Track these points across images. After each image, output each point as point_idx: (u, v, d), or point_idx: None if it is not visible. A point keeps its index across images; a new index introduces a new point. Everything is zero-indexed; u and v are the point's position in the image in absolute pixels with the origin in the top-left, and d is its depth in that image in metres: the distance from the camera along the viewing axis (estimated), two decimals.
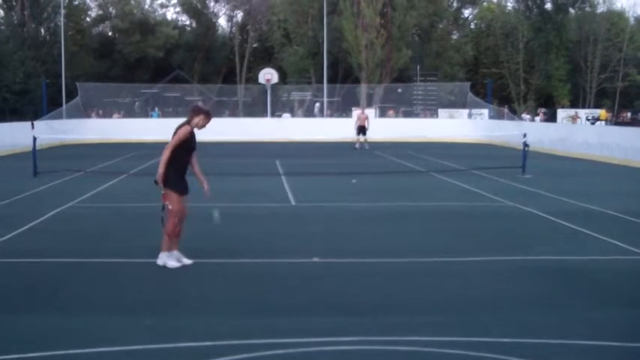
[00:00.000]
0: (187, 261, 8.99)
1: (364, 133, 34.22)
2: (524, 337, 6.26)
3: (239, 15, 72.80)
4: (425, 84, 55.09)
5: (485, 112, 44.63)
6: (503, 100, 63.42)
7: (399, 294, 7.85)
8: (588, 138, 29.80)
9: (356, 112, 39.33)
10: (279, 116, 49.15)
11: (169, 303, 7.45)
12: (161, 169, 8.67)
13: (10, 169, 22.73)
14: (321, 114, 51.24)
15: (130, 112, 49.45)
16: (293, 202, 15.41)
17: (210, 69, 69.34)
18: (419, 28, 63.70)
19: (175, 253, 8.97)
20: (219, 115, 51.24)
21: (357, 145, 33.91)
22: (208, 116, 9.00)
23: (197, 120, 8.90)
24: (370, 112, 46.21)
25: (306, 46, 62.11)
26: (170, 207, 8.78)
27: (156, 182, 8.76)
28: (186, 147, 8.83)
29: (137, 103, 52.53)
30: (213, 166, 23.90)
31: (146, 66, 67.70)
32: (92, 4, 72.42)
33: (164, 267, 8.84)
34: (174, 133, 8.86)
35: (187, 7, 71.81)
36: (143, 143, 31.09)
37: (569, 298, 7.73)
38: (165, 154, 8.69)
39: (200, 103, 9.27)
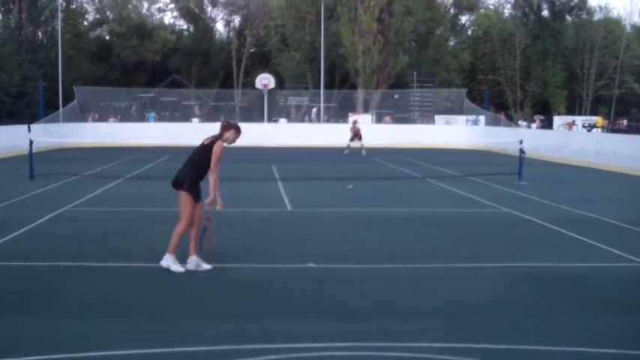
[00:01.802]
0: (206, 266, 9.01)
1: (360, 139, 34.25)
2: (521, 344, 6.26)
3: (236, 20, 72.81)
4: (422, 90, 55.15)
5: (482, 118, 44.68)
6: (500, 106, 63.47)
7: (396, 299, 7.85)
8: (584, 145, 29.85)
9: (351, 119, 39.37)
10: (276, 121, 49.21)
11: (166, 307, 7.43)
12: (213, 194, 8.96)
13: (6, 172, 22.68)
14: (318, 119, 51.25)
15: (127, 116, 49.40)
16: (289, 208, 15.41)
17: (208, 73, 69.30)
18: (416, 34, 63.83)
19: (194, 258, 8.98)
20: (216, 119, 51.23)
21: (345, 151, 33.98)
22: (238, 131, 9.20)
23: (228, 135, 9.08)
24: (367, 118, 46.32)
25: (303, 52, 62.15)
26: (181, 211, 8.88)
27: (185, 190, 8.92)
28: (212, 160, 8.97)
29: (134, 107, 52.48)
30: None
31: (143, 70, 67.64)
32: (90, 8, 72.41)
33: (162, 271, 8.82)
34: (203, 148, 9.01)
35: (185, 12, 71.77)
36: (141, 147, 31.13)
37: (566, 305, 7.74)
38: (215, 176, 8.94)
39: (231, 121, 9.44)
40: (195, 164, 9.00)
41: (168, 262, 8.88)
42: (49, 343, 6.15)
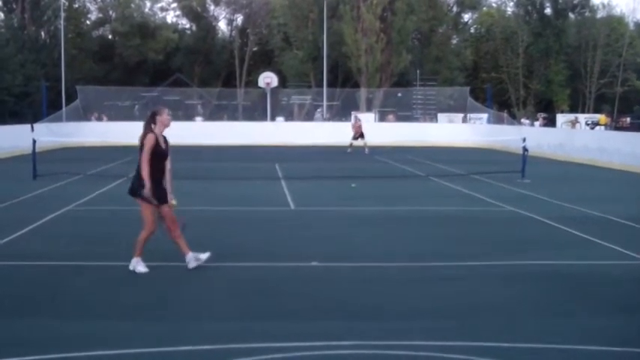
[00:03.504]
0: (204, 255, 8.98)
1: (362, 137, 34.26)
2: (523, 342, 6.24)
3: (239, 18, 72.80)
4: (424, 88, 55.12)
5: (485, 116, 44.64)
6: (503, 104, 63.42)
7: (399, 298, 7.84)
8: (587, 143, 29.81)
9: (354, 116, 39.41)
10: (274, 120, 49.30)
11: (168, 306, 7.43)
12: (148, 183, 8.58)
13: (9, 172, 22.71)
14: (324, 118, 51.20)
15: (129, 116, 49.38)
16: (292, 207, 15.40)
17: (210, 72, 69.31)
18: (419, 33, 63.73)
19: (191, 255, 8.92)
20: (219, 118, 51.29)
21: (348, 150, 34.03)
22: (164, 110, 8.98)
23: (160, 119, 8.82)
24: (369, 117, 46.25)
25: (306, 50, 62.12)
26: (142, 218, 8.81)
27: (142, 197, 8.66)
28: (157, 154, 8.73)
29: (137, 106, 52.50)
30: (212, 170, 23.93)
31: (146, 69, 67.65)
32: (92, 8, 72.44)
33: (164, 270, 8.83)
34: (141, 147, 8.70)
35: (187, 11, 71.76)
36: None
37: (569, 302, 7.72)
38: (145, 168, 8.59)
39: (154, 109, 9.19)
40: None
41: (134, 264, 8.82)
42: (50, 343, 6.14)
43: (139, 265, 8.79)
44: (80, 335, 6.38)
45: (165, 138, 8.97)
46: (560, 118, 53.45)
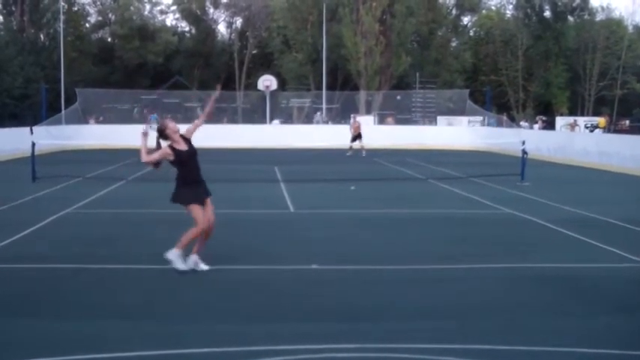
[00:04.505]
0: (204, 267, 9.02)
1: (360, 140, 34.24)
2: (523, 345, 6.25)
3: (238, 21, 72.85)
4: (424, 91, 55.13)
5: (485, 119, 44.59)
6: (502, 107, 63.44)
7: (398, 301, 7.84)
8: (587, 146, 29.83)
9: (352, 118, 39.44)
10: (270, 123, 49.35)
11: (168, 309, 7.43)
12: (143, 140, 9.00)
13: (9, 175, 22.71)
14: (322, 121, 51.18)
15: (128, 119, 49.34)
16: (292, 209, 15.41)
17: (210, 75, 69.26)
18: (418, 35, 63.79)
19: (195, 257, 8.98)
20: (218, 121, 51.24)
21: (348, 153, 34.02)
22: (166, 124, 9.12)
23: (169, 133, 9.01)
24: (369, 119, 46.23)
25: (305, 53, 62.16)
26: (193, 217, 8.89)
27: (174, 202, 9.00)
28: (181, 160, 8.91)
29: (136, 109, 52.47)
30: (211, 172, 23.89)
31: (145, 72, 67.65)
32: (92, 10, 72.52)
33: (165, 272, 8.84)
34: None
35: (187, 14, 71.82)
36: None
37: (568, 305, 7.73)
38: (145, 157, 8.90)
39: (149, 128, 9.36)
40: (180, 174, 9.00)
41: (173, 256, 8.83)
42: (51, 345, 6.15)
43: (177, 261, 8.81)
44: (80, 337, 6.39)
45: (182, 136, 9.10)
46: (560, 121, 53.43)
